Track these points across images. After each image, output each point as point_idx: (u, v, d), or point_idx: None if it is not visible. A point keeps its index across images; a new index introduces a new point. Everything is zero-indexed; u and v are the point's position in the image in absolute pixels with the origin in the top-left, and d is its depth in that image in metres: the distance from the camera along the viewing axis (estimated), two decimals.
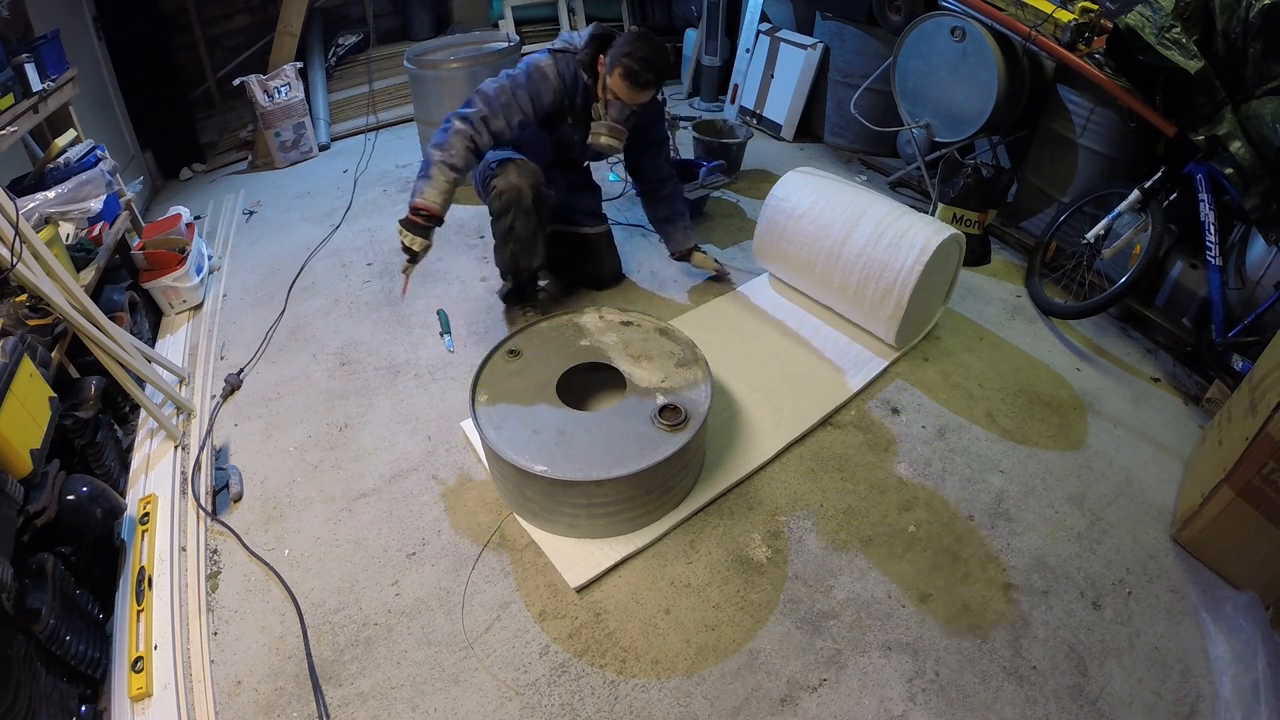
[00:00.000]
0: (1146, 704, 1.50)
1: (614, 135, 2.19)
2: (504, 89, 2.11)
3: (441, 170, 2.07)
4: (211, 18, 4.27)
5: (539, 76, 2.13)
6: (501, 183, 2.22)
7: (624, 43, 2.09)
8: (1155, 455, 2.11)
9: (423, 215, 2.08)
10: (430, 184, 2.07)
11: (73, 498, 1.54)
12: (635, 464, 1.67)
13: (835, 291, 2.44)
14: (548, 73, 2.13)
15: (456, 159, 2.07)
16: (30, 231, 1.78)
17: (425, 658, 1.57)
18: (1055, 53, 2.55)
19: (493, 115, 2.10)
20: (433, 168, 2.07)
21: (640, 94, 2.11)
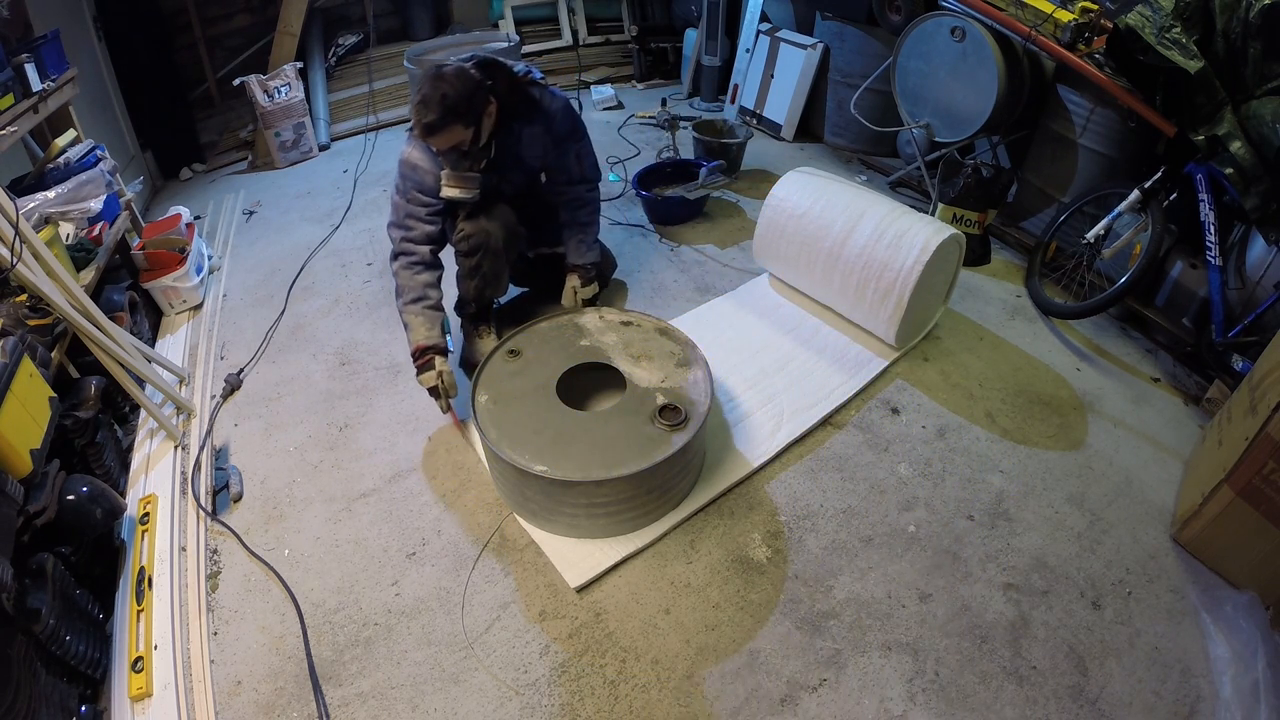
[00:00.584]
0: (1146, 704, 1.50)
1: (455, 184, 2.01)
2: (397, 204, 2.08)
3: (410, 313, 2.05)
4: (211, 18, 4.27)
5: (409, 170, 2.06)
6: (470, 226, 2.15)
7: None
8: (1155, 455, 2.11)
9: (420, 355, 2.03)
10: (410, 330, 2.05)
11: (73, 498, 1.54)
12: (635, 464, 1.67)
13: (835, 291, 2.44)
14: (415, 161, 2.05)
15: (415, 291, 2.05)
16: (30, 231, 1.78)
17: (425, 658, 1.57)
18: (1055, 53, 2.55)
19: (407, 232, 2.07)
20: (404, 316, 2.07)
21: (436, 139, 1.93)
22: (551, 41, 4.91)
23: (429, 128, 1.88)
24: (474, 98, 1.90)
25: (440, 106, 1.85)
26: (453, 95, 1.86)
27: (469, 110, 1.90)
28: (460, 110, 1.88)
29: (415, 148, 2.06)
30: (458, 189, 2.02)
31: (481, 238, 2.16)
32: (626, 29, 5.02)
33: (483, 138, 2.00)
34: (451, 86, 1.86)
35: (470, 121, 1.92)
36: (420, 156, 2.04)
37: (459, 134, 1.92)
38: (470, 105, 1.90)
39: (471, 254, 2.19)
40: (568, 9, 4.90)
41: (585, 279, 2.39)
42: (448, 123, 1.88)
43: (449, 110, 1.86)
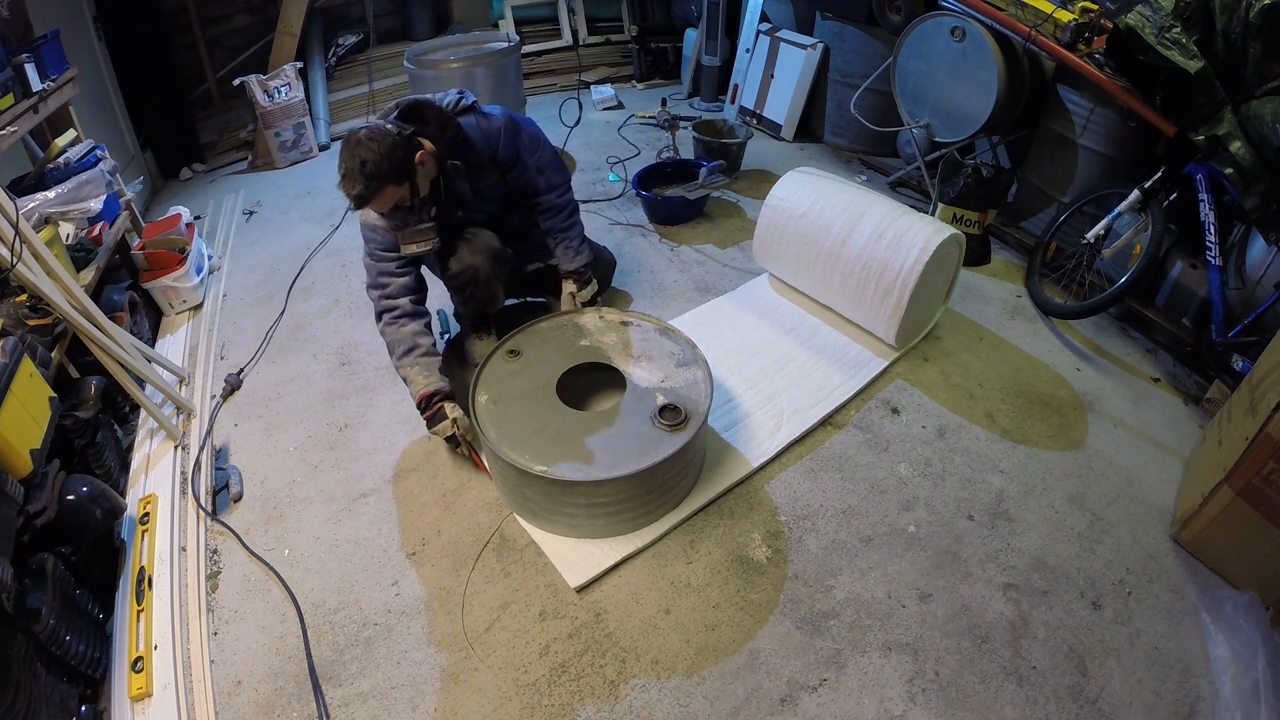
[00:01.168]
0: (1146, 704, 1.50)
1: (413, 240, 1.97)
2: (368, 266, 2.06)
3: (405, 366, 2.01)
4: (211, 18, 4.27)
5: (370, 232, 2.01)
6: (456, 264, 2.12)
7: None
8: (1155, 455, 2.11)
9: (427, 406, 1.98)
10: (410, 383, 2.01)
11: (73, 498, 1.54)
12: (635, 464, 1.67)
13: (835, 291, 2.44)
14: (372, 222, 2.00)
15: (405, 343, 2.01)
16: (30, 231, 1.78)
17: (425, 658, 1.57)
18: (1055, 53, 2.55)
19: (383, 290, 2.04)
20: (401, 372, 2.03)
21: (375, 206, 1.88)
22: (551, 41, 4.91)
23: (360, 199, 1.82)
24: (394, 154, 1.80)
25: (362, 175, 1.77)
26: (372, 160, 1.77)
27: (394, 169, 1.81)
28: (384, 171, 1.79)
29: (369, 210, 1.99)
30: (415, 244, 1.98)
31: (469, 274, 2.13)
32: (626, 29, 5.02)
33: (423, 189, 1.93)
34: (369, 150, 1.77)
35: (400, 178, 1.84)
36: (375, 217, 1.99)
37: (393, 194, 1.85)
38: (393, 162, 1.81)
39: (463, 289, 2.18)
40: (568, 9, 4.90)
41: (581, 282, 2.37)
42: (375, 189, 1.80)
43: (371, 176, 1.78)
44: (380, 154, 1.78)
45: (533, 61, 4.81)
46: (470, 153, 2.06)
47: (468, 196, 2.13)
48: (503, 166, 2.15)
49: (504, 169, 2.16)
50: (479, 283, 2.16)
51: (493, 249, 2.17)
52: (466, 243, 2.14)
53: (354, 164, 1.77)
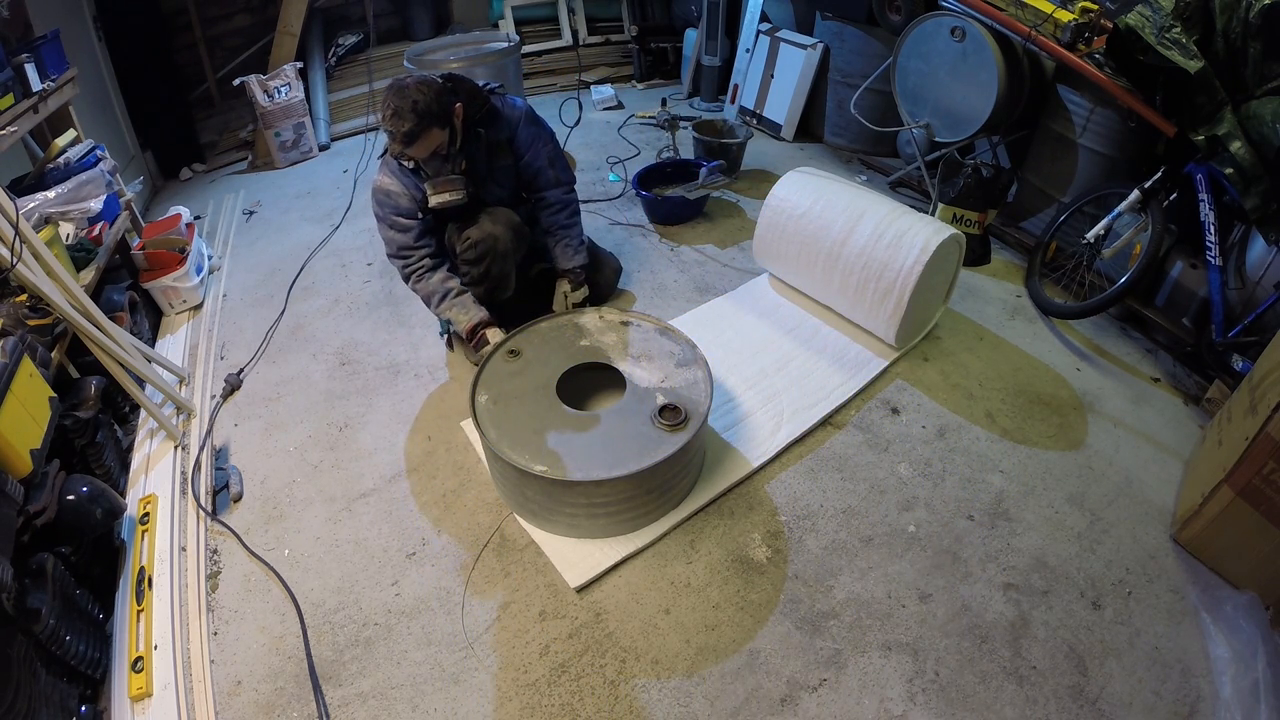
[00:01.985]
0: (1146, 704, 1.50)
1: (444, 190, 2.06)
2: (387, 237, 2.17)
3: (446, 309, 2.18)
4: (211, 18, 4.27)
5: (384, 197, 2.11)
6: (476, 232, 2.19)
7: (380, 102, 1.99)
8: (1155, 455, 2.11)
9: (473, 335, 2.17)
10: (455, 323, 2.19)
11: (73, 498, 1.54)
12: (635, 464, 1.67)
13: (835, 291, 2.44)
14: (387, 187, 2.10)
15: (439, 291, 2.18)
16: (30, 231, 1.78)
17: (425, 658, 1.57)
18: (1055, 53, 2.55)
19: (407, 259, 2.17)
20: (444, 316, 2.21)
21: (416, 147, 1.96)
22: (551, 41, 4.91)
23: (409, 136, 1.90)
24: (441, 99, 1.94)
25: (414, 114, 1.88)
26: (423, 100, 1.89)
27: (441, 112, 1.95)
28: (434, 112, 1.92)
29: (385, 174, 2.11)
30: (447, 193, 2.07)
31: (489, 243, 2.19)
32: (626, 29, 5.02)
33: (457, 139, 2.05)
34: (419, 93, 1.89)
35: (444, 122, 1.97)
36: (390, 181, 2.09)
37: (437, 137, 1.97)
38: (440, 106, 1.94)
39: (479, 261, 2.21)
40: (568, 9, 4.90)
41: (575, 282, 2.41)
42: (425, 126, 1.91)
43: (423, 115, 1.89)
44: (430, 97, 1.91)
45: (533, 61, 4.81)
46: (493, 127, 2.17)
47: (484, 173, 2.21)
48: (518, 150, 2.25)
49: (519, 153, 2.26)
50: (497, 254, 2.21)
51: (514, 222, 2.24)
52: (489, 215, 2.22)
53: (405, 103, 1.88)
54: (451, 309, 2.18)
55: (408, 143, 1.92)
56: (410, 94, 1.89)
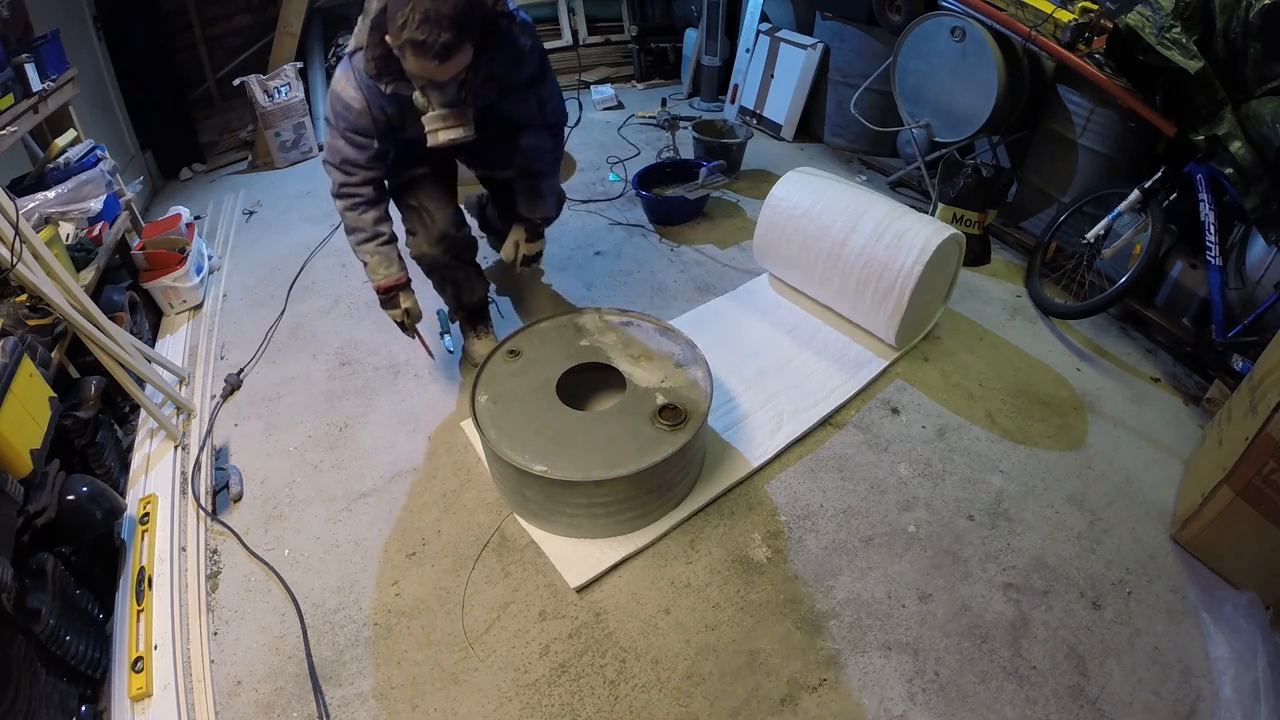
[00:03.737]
0: (1146, 704, 1.50)
1: (452, 123, 1.69)
2: (333, 145, 1.86)
3: (365, 252, 1.97)
4: (211, 18, 4.26)
5: (343, 109, 1.79)
6: (414, 249, 2.12)
7: (395, 6, 1.55)
8: (1155, 455, 2.11)
9: (385, 294, 2.02)
10: (369, 270, 2.00)
11: (73, 498, 1.54)
12: (635, 464, 1.67)
13: (835, 292, 2.44)
14: (349, 100, 1.78)
15: (365, 231, 1.95)
16: (30, 231, 1.78)
17: (425, 658, 1.57)
18: (1055, 53, 2.55)
19: (347, 177, 1.89)
20: (359, 255, 2.00)
21: (443, 66, 1.57)
22: (551, 41, 4.90)
23: (446, 50, 1.53)
24: (473, 7, 1.57)
25: (453, 22, 1.51)
26: (462, 7, 1.53)
27: (475, 23, 1.59)
28: (471, 23, 1.56)
29: (348, 84, 1.76)
30: (458, 128, 1.70)
31: (428, 261, 2.12)
32: (626, 29, 5.02)
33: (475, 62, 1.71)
34: (449, 2, 1.51)
35: (475, 37, 1.61)
36: (354, 95, 1.76)
37: (467, 55, 1.61)
38: (475, 17, 1.59)
39: (430, 274, 2.17)
40: (568, 9, 4.90)
41: (532, 234, 2.20)
42: (462, 40, 1.55)
43: (462, 25, 1.53)
44: (462, 6, 1.53)
45: None
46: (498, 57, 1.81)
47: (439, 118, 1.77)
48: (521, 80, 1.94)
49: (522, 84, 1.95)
50: (440, 266, 2.14)
51: (449, 236, 2.08)
52: (424, 226, 2.07)
53: (437, 7, 1.50)
54: (373, 257, 1.96)
55: (443, 57, 1.54)
56: (439, 3, 1.50)
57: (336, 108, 1.81)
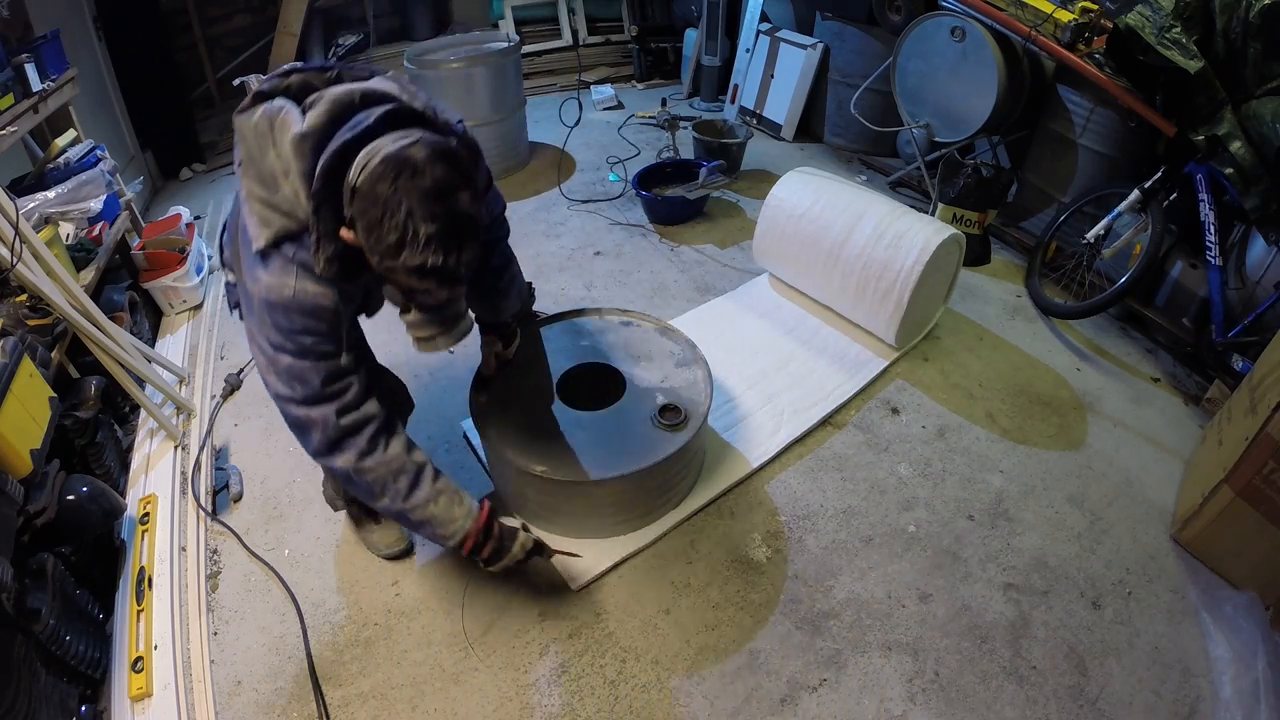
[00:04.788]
0: (1146, 704, 1.50)
1: (447, 328, 1.33)
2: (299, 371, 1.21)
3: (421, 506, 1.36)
4: (211, 18, 4.27)
5: (308, 316, 1.18)
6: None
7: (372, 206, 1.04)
8: (1155, 455, 2.11)
9: (479, 538, 1.43)
10: (434, 526, 1.39)
11: (73, 498, 1.54)
12: (635, 464, 1.67)
13: (835, 292, 2.44)
14: (315, 302, 1.17)
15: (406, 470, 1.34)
16: (30, 231, 1.78)
17: (425, 658, 1.57)
18: (1055, 53, 2.55)
19: (339, 400, 1.26)
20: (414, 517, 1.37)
21: (461, 286, 1.16)
22: (551, 41, 4.91)
23: (469, 265, 1.12)
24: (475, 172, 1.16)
25: (470, 223, 1.10)
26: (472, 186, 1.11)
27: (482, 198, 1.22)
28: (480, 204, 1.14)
29: (306, 279, 1.16)
30: (452, 334, 1.35)
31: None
32: (626, 29, 5.02)
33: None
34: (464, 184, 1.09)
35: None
36: (322, 292, 1.17)
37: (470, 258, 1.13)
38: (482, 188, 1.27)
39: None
40: (568, 9, 4.90)
41: (508, 339, 1.84)
42: (479, 237, 1.13)
43: (478, 218, 1.12)
44: (473, 186, 1.11)
45: (533, 61, 4.80)
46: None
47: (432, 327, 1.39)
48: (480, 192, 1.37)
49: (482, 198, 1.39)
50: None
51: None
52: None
53: (449, 208, 1.06)
54: (435, 502, 1.36)
55: (465, 279, 1.14)
56: (458, 196, 1.07)
57: (294, 320, 1.17)
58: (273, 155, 1.12)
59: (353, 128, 1.07)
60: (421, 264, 1.06)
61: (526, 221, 3.28)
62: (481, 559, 1.45)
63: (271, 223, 1.15)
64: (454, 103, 3.37)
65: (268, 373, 1.25)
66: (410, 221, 1.04)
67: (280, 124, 1.11)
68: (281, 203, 1.14)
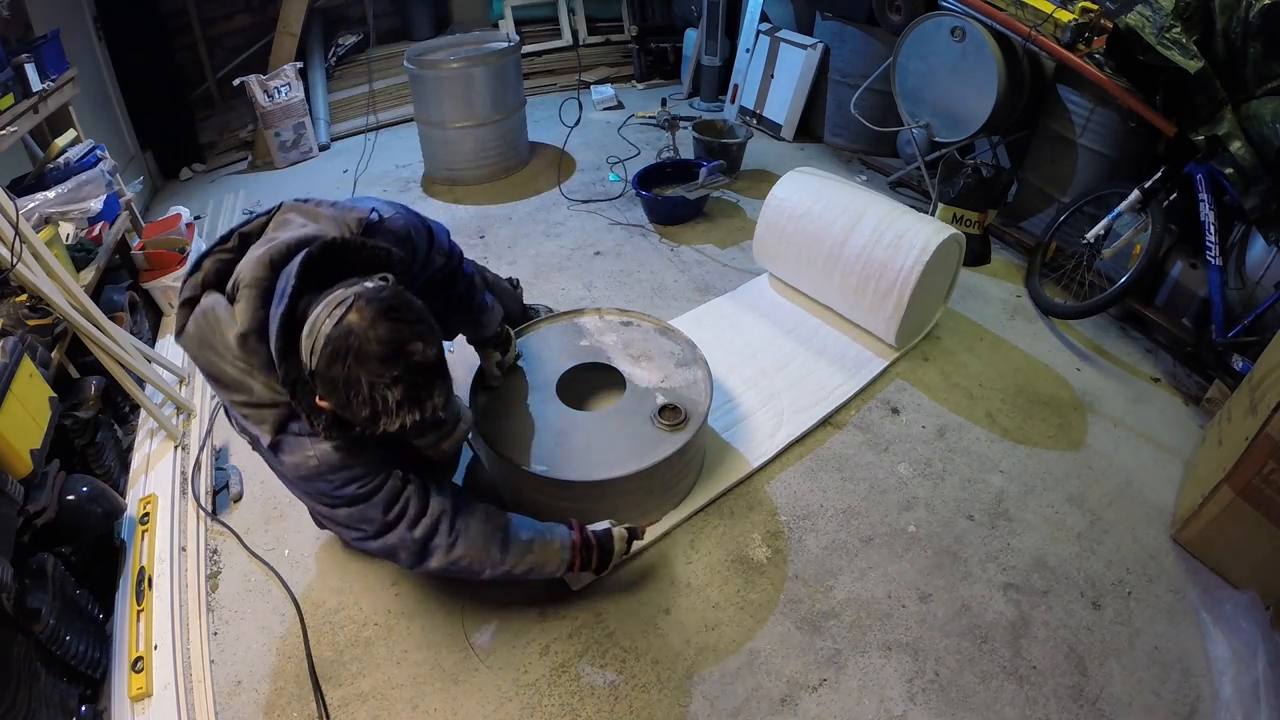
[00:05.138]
0: (1146, 704, 1.50)
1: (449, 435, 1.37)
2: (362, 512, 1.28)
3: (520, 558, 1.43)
4: (211, 18, 4.27)
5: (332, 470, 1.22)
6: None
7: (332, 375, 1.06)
8: (1155, 455, 2.11)
9: (588, 559, 1.53)
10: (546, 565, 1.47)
11: (73, 498, 1.54)
12: (635, 464, 1.67)
13: (835, 292, 2.44)
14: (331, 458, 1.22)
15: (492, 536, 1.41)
16: (30, 231, 1.78)
17: (425, 658, 1.57)
18: (1055, 53, 2.55)
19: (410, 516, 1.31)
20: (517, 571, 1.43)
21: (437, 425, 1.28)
22: (551, 41, 4.91)
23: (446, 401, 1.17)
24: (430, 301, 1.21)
25: (438, 363, 1.14)
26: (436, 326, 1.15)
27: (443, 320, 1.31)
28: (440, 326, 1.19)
29: (315, 444, 1.20)
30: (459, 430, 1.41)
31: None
32: (626, 29, 5.02)
33: None
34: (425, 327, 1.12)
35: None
36: (333, 449, 1.21)
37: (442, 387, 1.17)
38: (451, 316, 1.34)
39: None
40: (568, 9, 4.90)
41: (502, 346, 1.88)
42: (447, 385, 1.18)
43: (442, 355, 1.16)
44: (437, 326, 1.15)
45: (533, 61, 4.80)
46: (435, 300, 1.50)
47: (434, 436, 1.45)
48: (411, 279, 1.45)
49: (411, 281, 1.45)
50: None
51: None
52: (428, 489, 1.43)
53: (420, 355, 1.09)
54: (531, 552, 1.44)
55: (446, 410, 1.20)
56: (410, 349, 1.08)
57: (330, 480, 1.23)
58: (227, 363, 1.17)
59: (280, 299, 1.09)
60: (401, 425, 1.09)
61: (526, 221, 3.28)
62: (593, 571, 1.58)
63: (265, 419, 1.19)
64: (454, 102, 3.37)
65: (332, 526, 1.34)
66: (374, 394, 1.06)
67: (214, 328, 1.16)
68: (261, 398, 1.18)
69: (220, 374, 1.19)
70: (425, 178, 3.73)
